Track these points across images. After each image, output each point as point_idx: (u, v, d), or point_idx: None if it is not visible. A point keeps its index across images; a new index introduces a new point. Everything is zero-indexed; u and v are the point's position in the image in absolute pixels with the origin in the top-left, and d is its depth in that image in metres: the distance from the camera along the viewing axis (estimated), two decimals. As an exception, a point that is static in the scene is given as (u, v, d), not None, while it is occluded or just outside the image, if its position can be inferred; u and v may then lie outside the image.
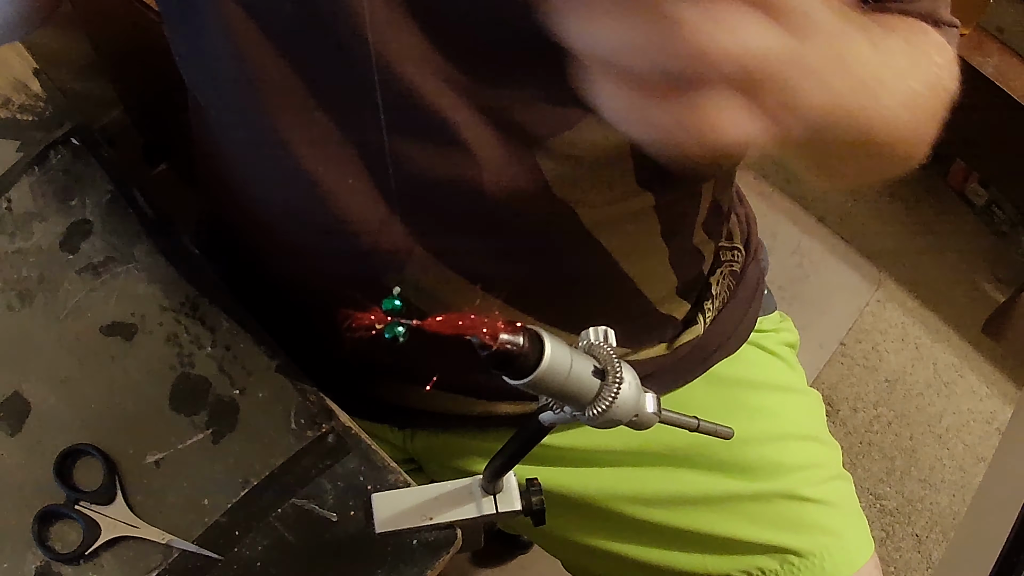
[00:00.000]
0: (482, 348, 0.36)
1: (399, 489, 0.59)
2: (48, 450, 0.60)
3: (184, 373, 0.64)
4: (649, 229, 0.64)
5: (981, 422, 1.65)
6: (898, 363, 1.69)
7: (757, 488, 0.71)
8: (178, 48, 0.60)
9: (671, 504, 0.71)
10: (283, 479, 0.60)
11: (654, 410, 0.42)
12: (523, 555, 1.41)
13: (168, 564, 0.57)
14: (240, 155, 0.63)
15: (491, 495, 0.57)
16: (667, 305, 0.71)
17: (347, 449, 0.61)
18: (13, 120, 0.72)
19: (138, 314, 0.65)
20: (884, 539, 1.52)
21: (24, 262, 0.67)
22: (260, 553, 0.58)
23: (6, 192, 0.69)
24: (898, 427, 1.63)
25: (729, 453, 0.71)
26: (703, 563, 0.71)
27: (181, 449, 0.61)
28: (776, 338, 0.81)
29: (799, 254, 1.80)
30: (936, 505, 1.56)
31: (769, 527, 0.70)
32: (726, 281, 0.76)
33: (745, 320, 0.77)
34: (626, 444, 0.72)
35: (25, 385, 0.63)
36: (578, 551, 0.77)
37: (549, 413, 0.44)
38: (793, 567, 0.69)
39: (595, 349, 0.41)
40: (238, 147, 0.62)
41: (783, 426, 0.74)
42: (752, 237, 0.81)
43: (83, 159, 0.71)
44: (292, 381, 0.63)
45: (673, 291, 0.71)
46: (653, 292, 0.69)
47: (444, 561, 0.57)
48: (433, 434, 0.74)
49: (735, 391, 0.75)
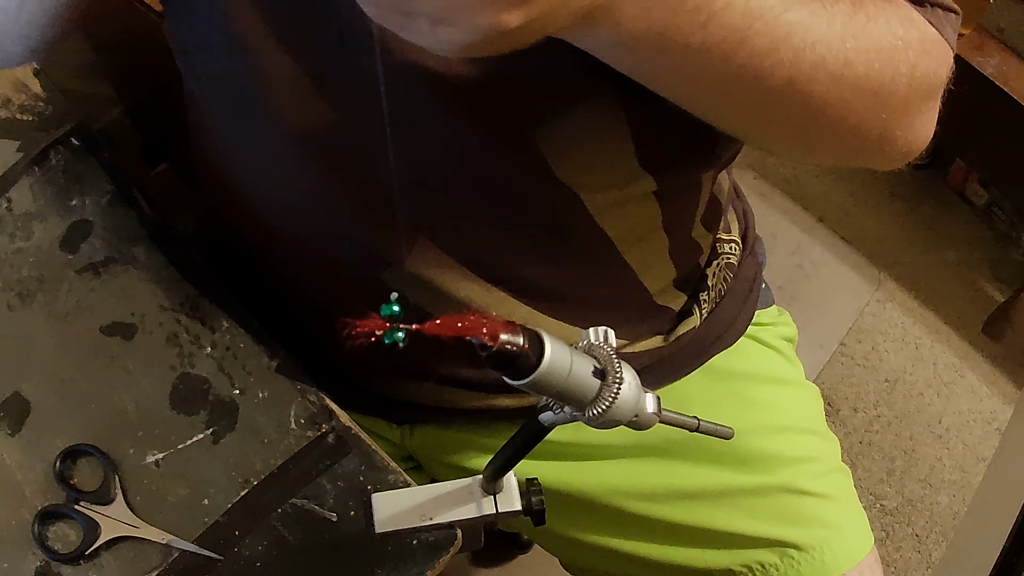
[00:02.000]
0: (482, 349, 0.36)
1: (399, 489, 0.59)
2: (48, 450, 0.60)
3: (184, 373, 0.64)
4: (651, 217, 0.64)
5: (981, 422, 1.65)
6: (898, 363, 1.69)
7: (756, 482, 0.71)
8: (180, 42, 0.60)
9: (670, 499, 0.72)
10: (283, 479, 0.60)
11: (654, 410, 0.42)
12: (523, 555, 1.41)
13: (168, 564, 0.57)
14: (238, 150, 0.63)
15: (491, 495, 0.57)
16: (664, 296, 0.71)
17: (347, 449, 0.61)
18: (13, 120, 0.72)
19: (138, 314, 0.65)
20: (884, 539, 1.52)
21: (24, 262, 0.67)
22: (260, 553, 0.58)
23: (6, 192, 0.69)
24: (898, 427, 1.63)
25: (727, 447, 0.71)
26: (703, 557, 0.71)
27: (181, 449, 0.61)
28: (774, 332, 0.81)
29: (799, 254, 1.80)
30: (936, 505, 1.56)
31: (768, 521, 0.70)
32: (722, 273, 0.76)
33: (743, 313, 0.77)
34: (624, 439, 0.72)
35: (25, 385, 0.63)
36: (577, 547, 0.77)
37: (549, 413, 0.44)
38: (793, 560, 0.69)
39: (595, 349, 0.41)
40: (236, 142, 0.62)
41: (781, 419, 0.74)
42: (749, 231, 0.81)
43: (83, 159, 0.71)
44: (292, 381, 0.63)
45: (671, 283, 0.71)
46: (652, 283, 0.69)
47: (444, 561, 0.57)
48: (431, 429, 0.74)
49: (733, 384, 0.75)
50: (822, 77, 0.46)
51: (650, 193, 0.62)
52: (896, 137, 0.53)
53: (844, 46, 0.46)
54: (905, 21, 0.50)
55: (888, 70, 0.49)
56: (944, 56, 0.54)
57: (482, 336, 0.36)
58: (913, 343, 1.72)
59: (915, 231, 1.84)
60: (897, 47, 0.49)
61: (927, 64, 0.51)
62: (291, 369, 0.64)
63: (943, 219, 1.85)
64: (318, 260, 0.64)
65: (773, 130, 0.52)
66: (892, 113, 0.51)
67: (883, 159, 0.55)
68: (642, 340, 0.72)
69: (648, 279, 0.69)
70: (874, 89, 0.49)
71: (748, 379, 0.76)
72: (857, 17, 0.47)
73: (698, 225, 0.71)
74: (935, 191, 1.88)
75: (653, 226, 0.65)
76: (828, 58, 0.46)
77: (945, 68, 0.54)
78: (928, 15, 0.53)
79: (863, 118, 0.50)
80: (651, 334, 0.73)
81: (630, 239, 0.64)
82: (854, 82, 0.48)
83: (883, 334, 1.72)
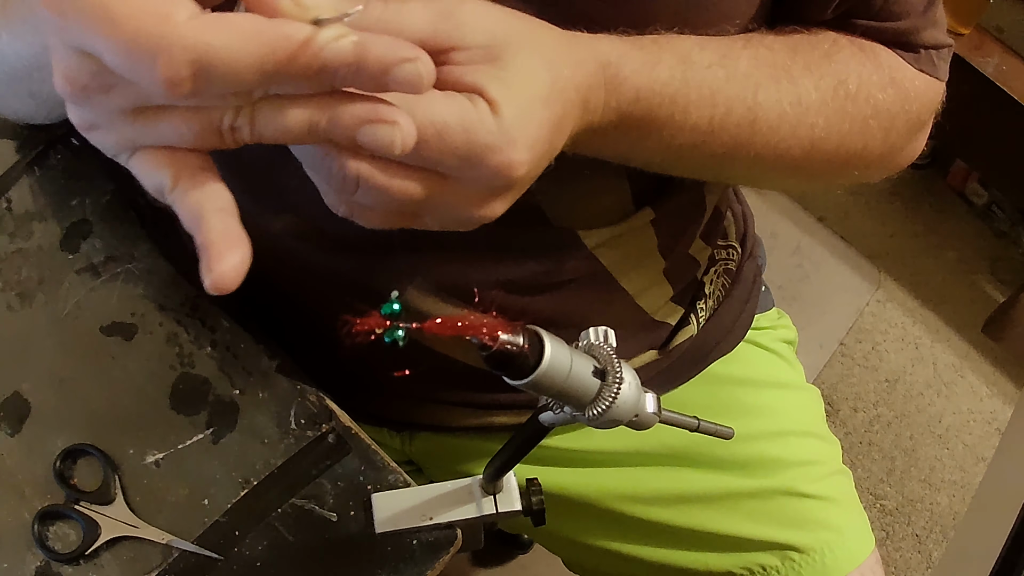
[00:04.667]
0: (482, 349, 0.36)
1: (399, 489, 0.59)
2: (48, 450, 0.60)
3: (184, 373, 0.64)
4: (646, 243, 0.65)
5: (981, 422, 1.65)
6: (898, 363, 1.69)
7: (757, 485, 0.71)
8: None
9: (671, 503, 0.71)
10: (283, 479, 0.60)
11: (654, 410, 0.42)
12: (523, 555, 1.41)
13: (168, 564, 0.57)
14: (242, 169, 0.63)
15: (491, 495, 0.57)
16: (662, 313, 0.71)
17: (347, 449, 0.61)
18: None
19: (138, 314, 0.65)
20: (884, 539, 1.52)
21: (24, 262, 0.67)
22: (260, 553, 0.58)
23: (6, 192, 0.69)
24: (898, 427, 1.63)
25: (728, 451, 0.71)
26: (704, 561, 0.71)
27: (181, 449, 0.61)
28: (774, 335, 0.80)
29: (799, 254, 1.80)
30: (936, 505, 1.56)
31: (769, 524, 0.70)
32: (720, 280, 0.76)
33: (742, 318, 0.77)
34: (626, 444, 0.72)
35: (25, 385, 0.63)
36: (579, 549, 0.77)
37: (549, 413, 0.44)
38: (794, 563, 0.69)
39: (595, 349, 0.41)
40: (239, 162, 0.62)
41: (782, 423, 0.74)
42: (748, 234, 0.80)
43: (83, 159, 0.71)
44: (292, 381, 0.63)
45: (668, 300, 0.71)
46: (650, 304, 0.69)
47: (444, 561, 0.57)
48: (431, 436, 0.74)
49: (733, 389, 0.75)
50: (795, 151, 0.52)
51: (647, 223, 0.62)
52: (875, 174, 0.59)
53: (815, 121, 0.52)
54: (883, 82, 0.55)
55: (859, 141, 0.55)
56: (932, 95, 0.58)
57: (482, 336, 0.36)
58: (913, 343, 1.72)
59: (915, 231, 1.84)
60: (868, 116, 0.54)
61: (906, 117, 0.56)
62: (291, 369, 0.64)
63: (943, 219, 1.85)
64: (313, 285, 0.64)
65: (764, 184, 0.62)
66: (867, 168, 0.57)
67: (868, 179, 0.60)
68: (638, 356, 0.72)
69: (645, 301, 0.69)
70: (844, 159, 0.55)
71: (748, 384, 0.76)
72: (823, 86, 0.52)
73: (697, 240, 0.71)
74: (935, 191, 1.88)
75: (649, 251, 0.65)
76: (799, 135, 0.52)
77: (934, 103, 0.59)
78: (920, 62, 0.56)
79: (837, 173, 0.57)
80: (646, 348, 0.73)
81: (626, 266, 0.65)
82: (825, 154, 0.54)
83: (883, 334, 1.72)
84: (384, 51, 0.31)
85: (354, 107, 0.33)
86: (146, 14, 0.29)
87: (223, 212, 0.34)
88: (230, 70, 0.30)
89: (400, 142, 0.33)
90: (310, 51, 0.31)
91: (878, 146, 0.56)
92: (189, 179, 0.34)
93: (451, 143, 0.35)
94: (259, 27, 0.30)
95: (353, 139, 0.33)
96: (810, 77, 0.52)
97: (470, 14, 0.37)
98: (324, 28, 0.31)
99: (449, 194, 0.37)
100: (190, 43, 0.29)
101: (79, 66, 0.32)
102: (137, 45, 0.29)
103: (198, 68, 0.29)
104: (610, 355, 0.40)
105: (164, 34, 0.29)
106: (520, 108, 0.37)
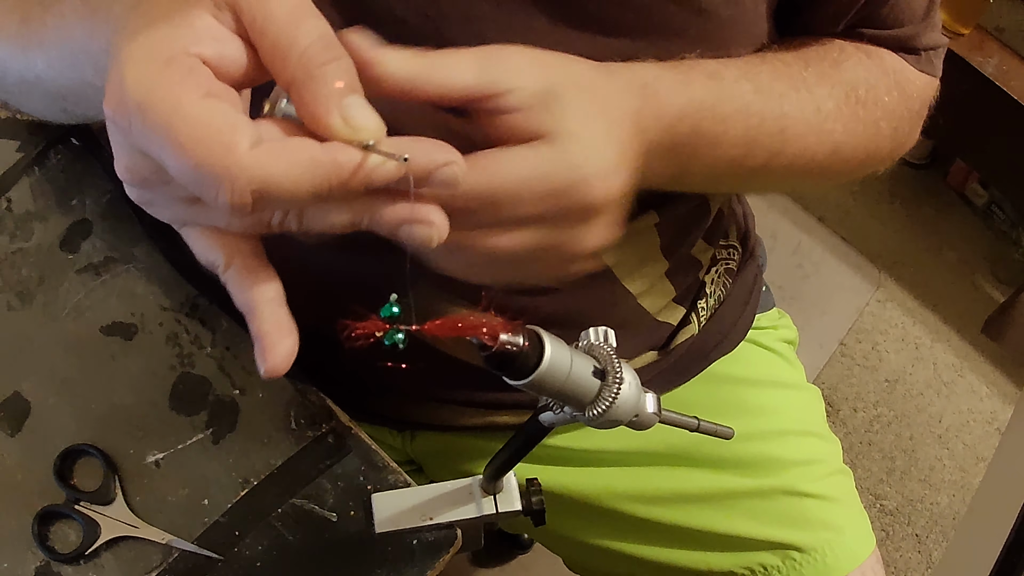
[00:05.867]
0: (482, 349, 0.36)
1: (399, 489, 0.59)
2: (48, 450, 0.60)
3: (184, 373, 0.64)
4: (649, 245, 0.65)
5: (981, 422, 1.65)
6: (898, 363, 1.70)
7: (757, 484, 0.71)
8: None
9: (672, 502, 0.71)
10: (283, 479, 0.60)
11: (654, 410, 0.42)
12: (523, 555, 1.41)
13: (168, 564, 0.57)
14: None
15: (491, 495, 0.57)
16: (664, 313, 0.71)
17: (347, 449, 0.61)
18: (13, 120, 0.72)
19: (138, 314, 0.65)
20: (884, 539, 1.52)
21: (24, 262, 0.67)
22: (260, 553, 0.58)
23: (6, 192, 0.69)
24: (898, 427, 1.63)
25: (729, 450, 0.71)
26: (705, 560, 0.71)
27: (181, 449, 0.61)
28: (774, 335, 0.80)
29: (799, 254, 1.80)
30: (936, 505, 1.56)
31: (770, 523, 0.70)
32: (721, 280, 0.76)
33: (742, 318, 0.77)
34: (626, 444, 0.72)
35: (25, 385, 0.63)
36: (580, 549, 0.77)
37: (549, 413, 0.44)
38: (795, 563, 0.69)
39: (595, 349, 0.41)
40: None
41: (782, 423, 0.74)
42: (749, 234, 0.80)
43: (83, 159, 0.71)
44: (292, 381, 0.63)
45: (671, 300, 0.71)
46: (652, 304, 0.69)
47: (444, 561, 0.57)
48: (432, 435, 0.74)
49: (734, 389, 0.75)
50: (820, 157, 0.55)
51: (651, 225, 0.63)
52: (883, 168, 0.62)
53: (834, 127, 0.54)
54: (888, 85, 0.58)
55: (872, 142, 0.58)
56: (930, 91, 0.62)
57: (482, 336, 0.36)
58: (913, 343, 1.72)
59: (915, 231, 1.84)
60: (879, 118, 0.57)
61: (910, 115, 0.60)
62: (291, 369, 0.64)
63: (943, 219, 1.85)
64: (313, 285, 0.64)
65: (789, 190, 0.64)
66: (880, 164, 0.61)
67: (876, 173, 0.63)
68: (638, 356, 0.72)
69: (648, 301, 0.69)
70: (861, 159, 0.58)
71: (748, 384, 0.76)
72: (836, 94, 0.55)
73: (700, 242, 0.71)
74: (935, 191, 1.88)
75: (652, 252, 0.66)
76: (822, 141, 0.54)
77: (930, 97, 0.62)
78: (920, 63, 0.61)
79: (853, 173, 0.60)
80: (647, 348, 0.73)
81: (629, 267, 0.65)
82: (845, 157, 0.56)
83: (883, 334, 1.72)
84: (426, 161, 0.34)
85: (395, 209, 0.35)
86: (212, 142, 0.31)
87: (273, 303, 0.36)
88: (288, 195, 0.32)
89: (437, 239, 0.36)
90: (360, 175, 0.33)
91: (888, 144, 0.59)
92: (241, 264, 0.36)
93: (538, 192, 0.38)
94: (314, 156, 0.32)
95: (395, 234, 0.36)
96: (824, 86, 0.54)
97: (513, 59, 0.39)
98: (373, 153, 0.33)
99: (559, 234, 0.40)
100: (253, 175, 0.31)
101: (142, 163, 0.34)
102: (202, 172, 0.31)
103: (259, 196, 0.32)
104: (610, 355, 0.40)
105: (228, 165, 0.31)
106: (584, 141, 0.39)
